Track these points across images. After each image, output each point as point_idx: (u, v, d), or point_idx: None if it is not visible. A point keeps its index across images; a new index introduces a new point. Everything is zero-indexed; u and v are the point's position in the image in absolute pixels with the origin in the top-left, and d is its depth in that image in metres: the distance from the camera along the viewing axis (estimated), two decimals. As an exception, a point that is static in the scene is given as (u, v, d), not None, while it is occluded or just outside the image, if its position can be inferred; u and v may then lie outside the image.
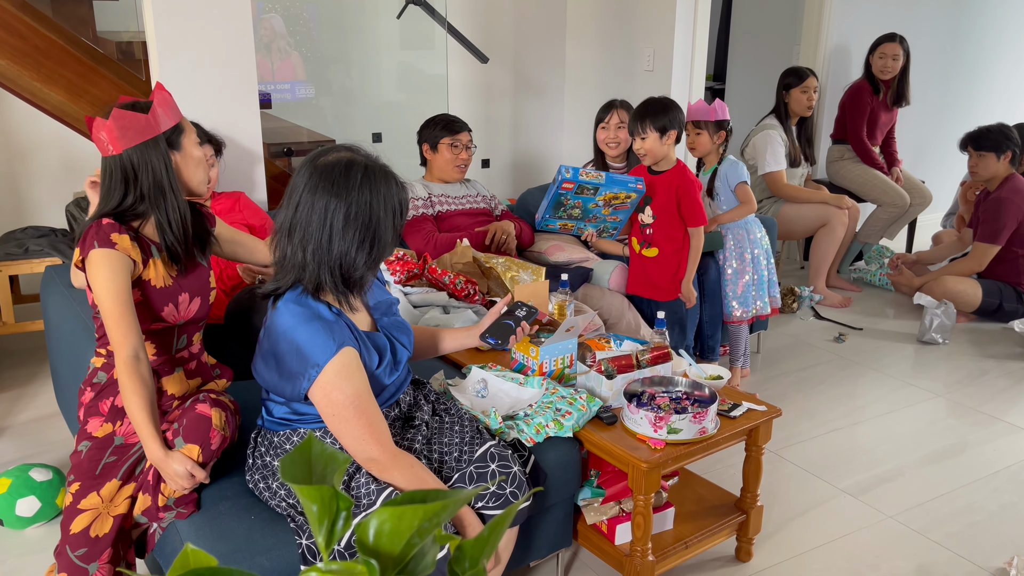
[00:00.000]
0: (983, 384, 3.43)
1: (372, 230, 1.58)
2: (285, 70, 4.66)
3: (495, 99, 4.64)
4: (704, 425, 1.96)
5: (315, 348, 1.55)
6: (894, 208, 4.62)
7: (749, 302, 3.22)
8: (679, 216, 2.88)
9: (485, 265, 2.72)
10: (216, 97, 2.83)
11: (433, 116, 3.17)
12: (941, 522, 2.47)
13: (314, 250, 1.58)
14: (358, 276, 1.62)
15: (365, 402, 1.59)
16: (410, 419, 1.85)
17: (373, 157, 1.62)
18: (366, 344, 1.67)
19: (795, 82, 4.22)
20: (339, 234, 1.57)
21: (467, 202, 3.19)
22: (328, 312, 1.60)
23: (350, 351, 1.58)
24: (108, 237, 1.72)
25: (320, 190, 1.56)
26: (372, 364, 1.66)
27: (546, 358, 2.16)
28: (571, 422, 1.97)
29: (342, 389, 1.56)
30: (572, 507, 2.12)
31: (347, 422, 1.58)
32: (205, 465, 1.65)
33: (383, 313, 1.81)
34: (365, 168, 1.58)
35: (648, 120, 2.80)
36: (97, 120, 1.77)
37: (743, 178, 3.17)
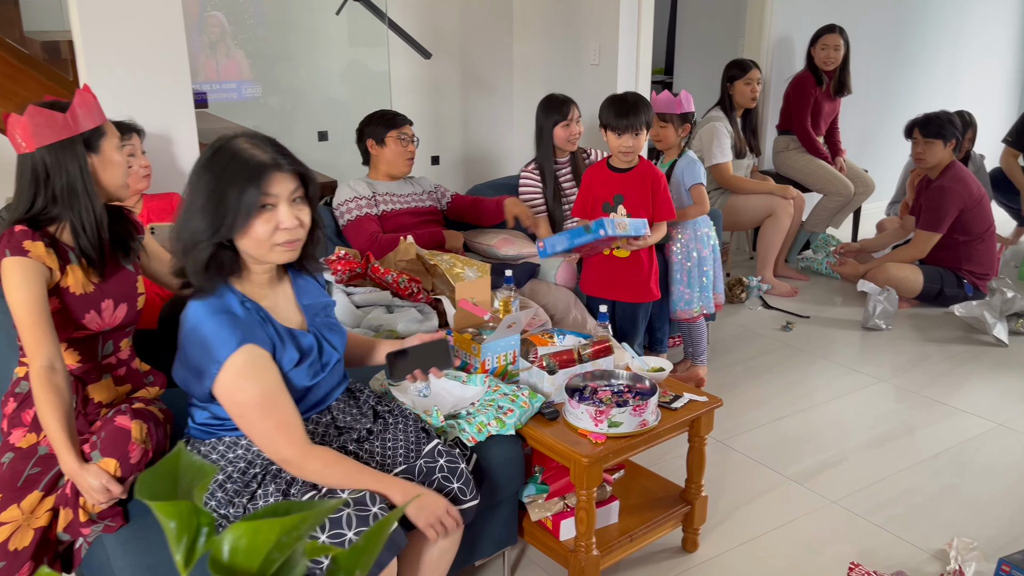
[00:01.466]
0: (925, 368, 3.50)
1: (203, 205, 1.53)
2: (230, 69, 4.58)
3: (443, 95, 4.60)
4: (644, 418, 1.96)
5: (217, 342, 1.53)
6: (839, 197, 4.69)
7: (694, 301, 3.22)
8: (651, 212, 2.85)
9: (429, 262, 2.70)
10: (148, 97, 2.75)
11: (372, 113, 3.13)
12: (883, 506, 2.51)
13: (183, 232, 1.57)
14: (189, 250, 1.56)
15: (273, 402, 1.56)
16: (347, 429, 1.81)
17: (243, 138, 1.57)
18: (284, 340, 1.64)
19: (739, 74, 4.26)
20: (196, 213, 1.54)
21: (412, 200, 3.16)
22: (239, 306, 1.57)
23: (253, 349, 1.54)
24: (20, 245, 1.67)
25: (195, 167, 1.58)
26: (289, 362, 1.63)
27: (488, 355, 2.15)
28: (513, 419, 1.96)
29: (245, 390, 1.54)
30: (517, 504, 2.10)
31: (254, 423, 1.55)
32: (124, 479, 1.60)
33: (316, 313, 1.77)
34: (219, 148, 1.55)
35: (644, 118, 2.79)
36: (12, 117, 1.71)
37: (699, 179, 3.15)
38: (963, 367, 3.51)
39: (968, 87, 6.07)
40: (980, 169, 4.85)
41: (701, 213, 3.19)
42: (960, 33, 5.84)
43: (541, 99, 3.45)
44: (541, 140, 3.37)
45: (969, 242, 4.04)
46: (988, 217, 4.06)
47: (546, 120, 3.34)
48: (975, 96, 6.09)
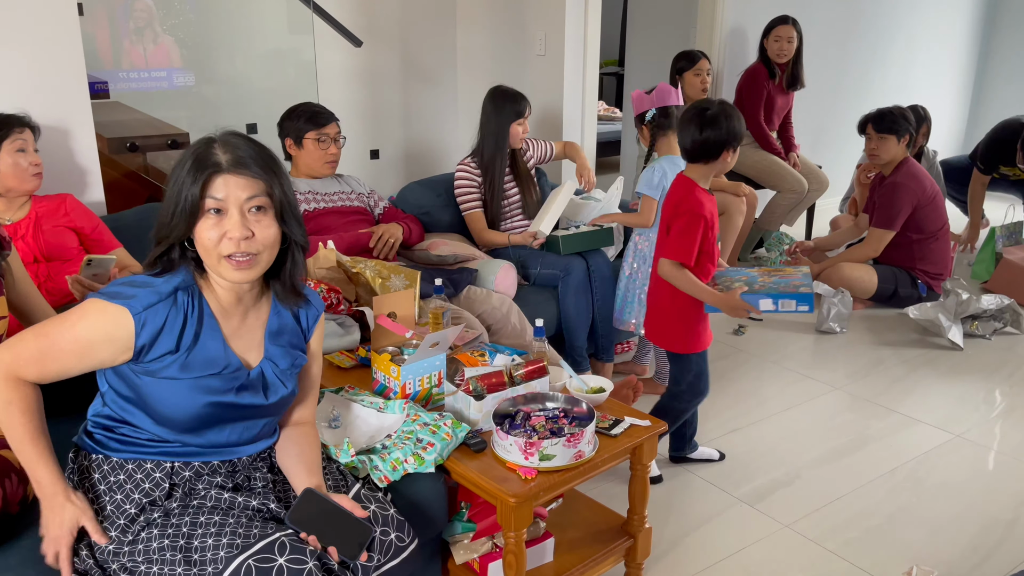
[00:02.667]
0: (879, 373, 3.37)
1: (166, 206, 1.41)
2: (159, 56, 4.27)
3: (382, 86, 4.35)
4: (580, 448, 1.77)
5: (131, 287, 1.41)
6: (792, 194, 4.56)
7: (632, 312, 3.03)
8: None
9: (352, 270, 2.47)
10: (37, 86, 2.48)
11: (294, 107, 2.88)
12: (838, 529, 2.36)
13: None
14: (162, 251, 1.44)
15: (68, 347, 1.37)
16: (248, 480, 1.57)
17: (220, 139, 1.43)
18: (198, 349, 1.44)
19: (687, 66, 4.10)
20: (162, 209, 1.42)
21: (339, 199, 2.92)
22: (167, 287, 1.42)
23: (125, 317, 1.37)
24: None
25: None
26: (193, 370, 1.43)
27: (409, 378, 1.93)
28: (433, 455, 1.75)
29: (85, 320, 1.38)
30: (439, 544, 1.90)
31: (38, 329, 1.40)
32: None
33: (280, 357, 1.56)
34: (193, 146, 1.43)
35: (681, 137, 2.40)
36: None
37: (648, 192, 2.89)
38: (918, 372, 3.39)
39: (922, 81, 6.00)
40: (933, 165, 4.76)
41: (638, 224, 2.97)
42: (914, 26, 5.76)
43: (491, 91, 3.22)
44: (492, 135, 3.14)
45: (923, 240, 3.93)
46: (942, 215, 3.96)
47: (500, 115, 3.12)
48: (929, 90, 6.03)
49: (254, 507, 1.49)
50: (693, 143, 2.34)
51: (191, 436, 1.47)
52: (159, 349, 1.41)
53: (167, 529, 1.40)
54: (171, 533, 1.39)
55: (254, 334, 1.54)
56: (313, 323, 1.63)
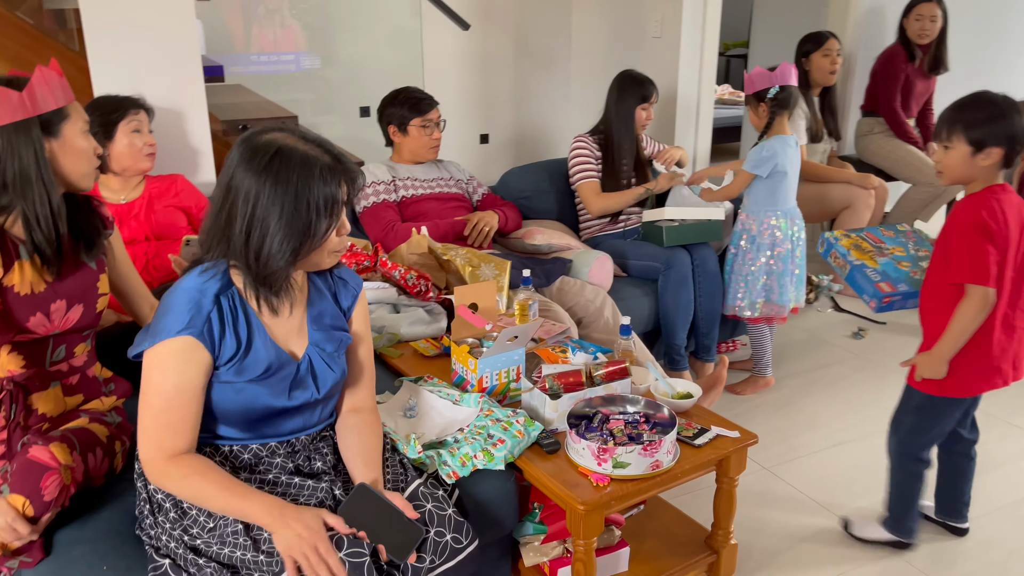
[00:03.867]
0: (1018, 389, 3.05)
1: (277, 220, 1.38)
2: (286, 40, 4.41)
3: (493, 69, 4.31)
4: (658, 458, 1.66)
5: (174, 316, 1.39)
6: (929, 188, 4.20)
7: (756, 298, 2.88)
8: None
9: (443, 257, 2.44)
10: (153, 69, 2.57)
11: (395, 93, 2.87)
12: (955, 562, 2.14)
13: (215, 230, 1.42)
14: (270, 270, 1.42)
15: (182, 400, 1.39)
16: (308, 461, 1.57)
17: (305, 143, 1.41)
18: (250, 350, 1.45)
19: (814, 48, 3.83)
20: (239, 219, 1.38)
21: (437, 185, 2.90)
22: (210, 299, 1.41)
23: (192, 342, 1.38)
24: None
25: (235, 167, 1.39)
26: (249, 372, 1.44)
27: (486, 371, 1.88)
28: (503, 452, 1.69)
29: (165, 372, 1.39)
30: (510, 544, 1.85)
31: (149, 410, 1.40)
32: (38, 518, 1.42)
33: (324, 342, 1.55)
34: (278, 151, 1.38)
35: (960, 126, 1.90)
36: None
37: (753, 169, 2.83)
38: (1063, 390, 3.04)
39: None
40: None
41: (721, 196, 2.95)
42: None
43: (619, 74, 3.19)
44: (616, 117, 3.09)
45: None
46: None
47: (628, 98, 3.08)
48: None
49: (319, 500, 1.49)
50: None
51: (248, 431, 1.48)
52: (224, 356, 1.43)
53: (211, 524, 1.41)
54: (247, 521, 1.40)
55: (296, 321, 1.54)
56: (353, 302, 1.62)
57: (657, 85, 3.97)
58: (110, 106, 2.31)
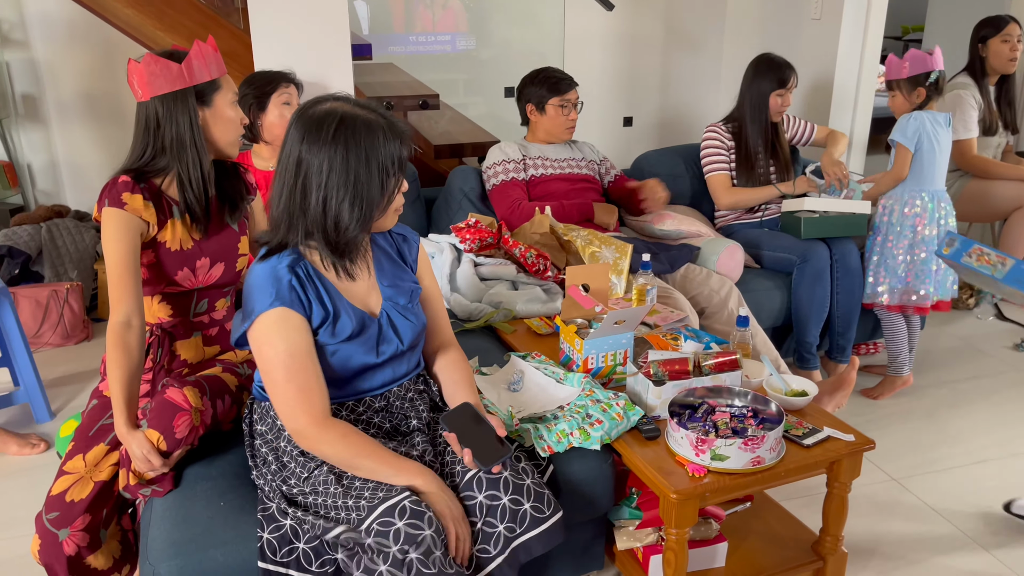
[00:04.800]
0: None
1: (351, 186, 1.44)
2: (446, 21, 4.56)
3: (640, 51, 4.26)
4: (759, 454, 1.61)
5: (257, 295, 1.47)
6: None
7: (895, 284, 2.70)
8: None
9: (564, 237, 2.45)
10: (306, 47, 2.74)
11: (535, 73, 2.89)
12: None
13: (290, 207, 1.47)
14: (348, 237, 1.48)
15: (300, 364, 1.45)
16: (404, 419, 1.65)
17: (361, 109, 1.47)
18: (339, 315, 1.53)
19: (991, 32, 3.51)
20: (315, 191, 1.44)
21: (568, 166, 2.90)
22: (285, 271, 1.48)
23: (286, 311, 1.46)
24: (119, 196, 1.66)
25: (300, 143, 1.45)
26: (339, 334, 1.52)
27: (592, 352, 1.88)
28: (600, 432, 1.70)
29: (273, 344, 1.45)
30: (605, 525, 1.85)
31: (277, 384, 1.45)
32: (170, 453, 1.56)
33: (397, 295, 1.63)
34: (341, 120, 1.44)
35: None
36: (131, 63, 1.70)
37: (903, 140, 2.70)
38: None
39: None
40: None
41: (890, 181, 2.76)
42: None
43: (756, 57, 3.07)
44: (750, 103, 3.00)
45: None
46: None
47: (764, 83, 2.97)
48: None
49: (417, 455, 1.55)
50: None
51: (346, 388, 1.56)
52: (316, 320, 1.50)
53: (335, 468, 1.50)
54: (337, 471, 1.49)
55: (366, 281, 1.60)
56: (416, 255, 1.70)
57: (814, 72, 3.79)
58: (263, 80, 2.47)
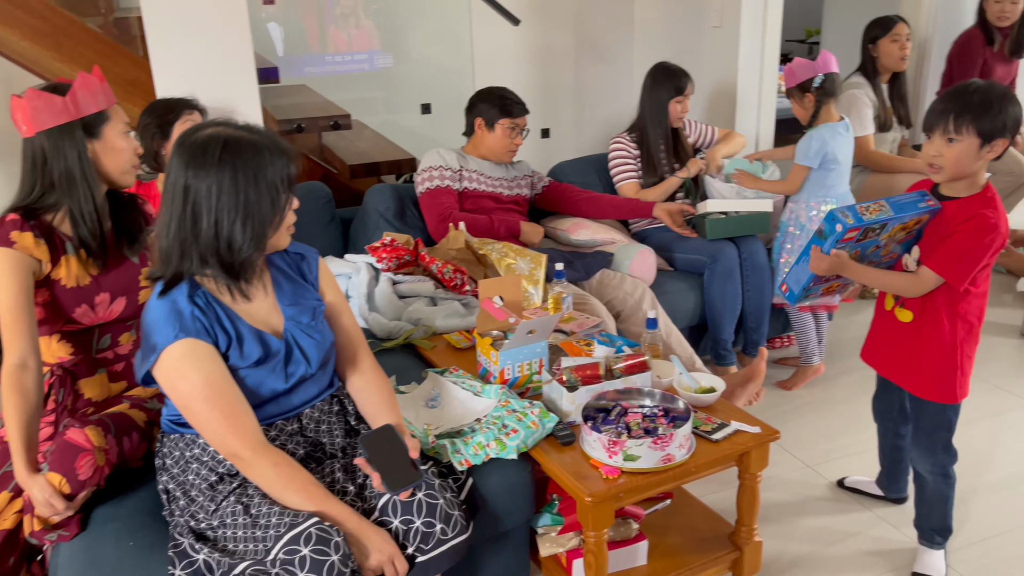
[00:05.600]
0: None
1: (243, 207, 1.44)
2: (360, 40, 4.55)
3: (553, 64, 4.32)
4: (669, 451, 1.66)
5: (157, 329, 1.44)
6: (1010, 177, 3.97)
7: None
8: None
9: (479, 251, 2.48)
10: (209, 72, 2.70)
11: (491, 89, 2.86)
12: (998, 567, 2.05)
13: (181, 235, 1.46)
14: (242, 257, 1.48)
15: (219, 391, 1.44)
16: (318, 444, 1.65)
17: (244, 131, 1.47)
18: (243, 339, 1.51)
19: (881, 33, 3.68)
20: (206, 215, 1.43)
21: (501, 185, 2.89)
22: (185, 301, 1.46)
23: (192, 341, 1.44)
24: (8, 235, 1.62)
25: (185, 170, 1.44)
26: (246, 359, 1.51)
27: (508, 364, 1.91)
28: (516, 442, 1.72)
29: (187, 377, 1.43)
30: (529, 533, 1.87)
31: (200, 414, 1.44)
32: (74, 495, 1.52)
33: (294, 317, 1.61)
34: (225, 143, 1.43)
35: (969, 117, 1.72)
36: (14, 99, 1.67)
37: (802, 160, 2.80)
38: None
39: None
40: None
41: (781, 190, 2.91)
42: None
43: (652, 67, 3.18)
44: (650, 112, 3.08)
45: None
46: None
47: (662, 92, 3.06)
48: None
49: (331, 480, 1.55)
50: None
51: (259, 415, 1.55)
52: (222, 347, 1.49)
53: (242, 497, 1.49)
54: (244, 501, 1.48)
55: (268, 302, 1.59)
56: (315, 272, 1.69)
57: (717, 77, 3.92)
58: (165, 108, 2.44)
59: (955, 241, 1.77)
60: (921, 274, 1.83)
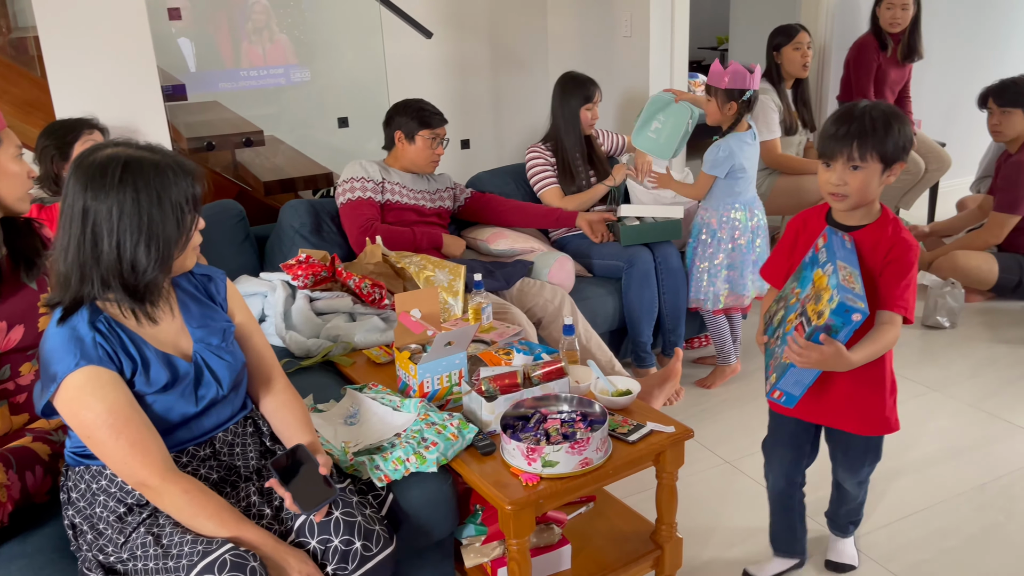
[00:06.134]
0: (989, 375, 3.04)
1: (146, 228, 1.40)
2: (275, 54, 4.47)
3: (471, 76, 4.35)
4: (587, 455, 1.69)
5: (56, 359, 1.39)
6: (907, 175, 4.20)
7: (717, 290, 2.91)
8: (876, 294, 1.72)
9: (397, 265, 2.48)
10: (110, 90, 2.63)
11: (408, 102, 2.86)
12: (906, 549, 2.15)
13: (80, 258, 1.41)
14: (147, 280, 1.44)
15: (124, 419, 1.40)
16: (232, 468, 1.62)
17: (145, 151, 1.44)
18: (149, 364, 1.47)
19: (784, 41, 3.84)
20: (107, 238, 1.39)
21: (423, 198, 2.89)
22: (85, 327, 1.42)
23: (94, 369, 1.39)
24: None
25: (84, 192, 1.39)
26: (153, 385, 1.47)
27: (426, 376, 1.91)
28: (435, 454, 1.72)
29: (90, 407, 1.38)
30: (454, 545, 1.88)
31: (104, 444, 1.39)
32: None
33: (208, 336, 1.58)
34: (126, 164, 1.39)
35: (871, 143, 1.64)
36: None
37: (710, 170, 2.87)
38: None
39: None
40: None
41: (689, 193, 3.00)
42: (1065, -18, 5.14)
43: (560, 77, 3.23)
44: (562, 121, 3.14)
45: (1055, 226, 3.51)
46: (1079, 197, 3.51)
47: (570, 99, 3.11)
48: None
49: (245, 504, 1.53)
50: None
51: (169, 441, 1.51)
52: (127, 373, 1.44)
53: (153, 528, 1.45)
54: (155, 532, 1.44)
55: (176, 325, 1.56)
56: (224, 293, 1.66)
57: (630, 85, 4.00)
58: (64, 129, 2.37)
59: (895, 276, 1.68)
60: (892, 322, 1.69)
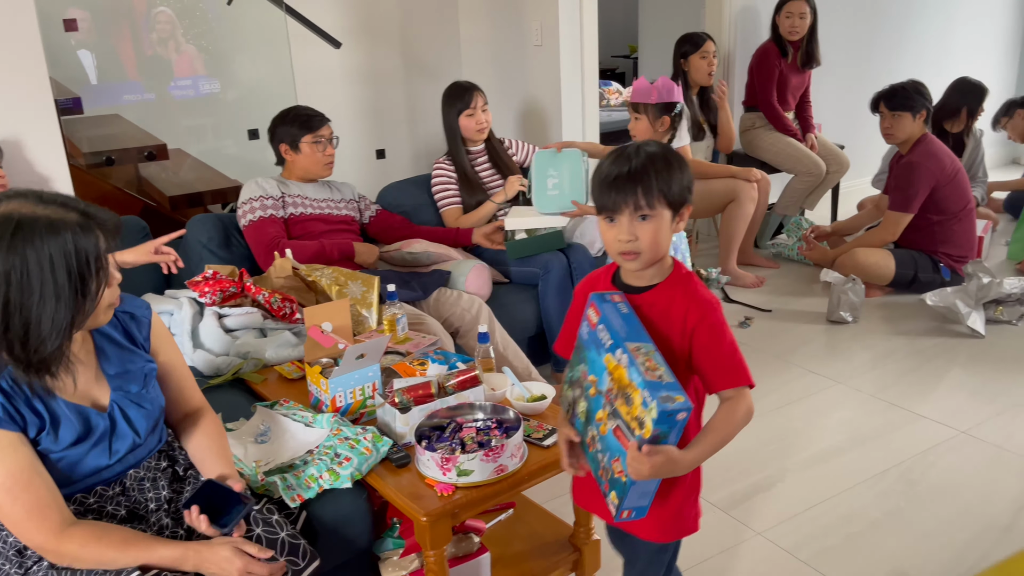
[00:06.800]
0: (889, 366, 3.19)
1: (41, 301, 1.26)
2: (183, 65, 4.34)
3: (384, 85, 4.32)
4: (502, 462, 1.69)
5: None
6: (809, 177, 4.37)
7: None
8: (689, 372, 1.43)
9: (308, 278, 2.44)
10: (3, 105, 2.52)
11: (284, 112, 2.83)
12: (815, 537, 2.23)
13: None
14: (45, 354, 1.31)
15: (22, 483, 1.32)
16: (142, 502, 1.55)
17: (44, 206, 1.30)
18: (59, 420, 1.39)
19: (691, 49, 3.95)
20: (16, 307, 1.26)
21: (328, 206, 2.87)
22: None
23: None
24: None
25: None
26: (62, 441, 1.39)
27: (339, 391, 1.89)
28: (349, 470, 1.70)
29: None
30: (369, 560, 1.86)
31: (1, 509, 1.32)
32: None
33: (121, 387, 1.50)
34: (18, 225, 1.25)
35: (657, 186, 1.35)
36: None
37: None
38: (932, 363, 3.20)
39: (961, 55, 5.66)
40: (978, 145, 4.51)
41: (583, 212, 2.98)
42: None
43: (445, 89, 3.25)
44: (449, 130, 3.16)
45: (944, 222, 3.71)
46: (965, 194, 3.72)
47: (450, 110, 3.14)
48: (969, 64, 5.68)
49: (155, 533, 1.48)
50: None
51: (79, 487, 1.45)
52: (32, 431, 1.37)
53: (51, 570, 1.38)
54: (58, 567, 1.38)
55: (90, 373, 1.47)
56: (147, 331, 1.59)
57: (543, 93, 4.05)
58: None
59: (712, 344, 1.38)
60: (737, 397, 1.41)
